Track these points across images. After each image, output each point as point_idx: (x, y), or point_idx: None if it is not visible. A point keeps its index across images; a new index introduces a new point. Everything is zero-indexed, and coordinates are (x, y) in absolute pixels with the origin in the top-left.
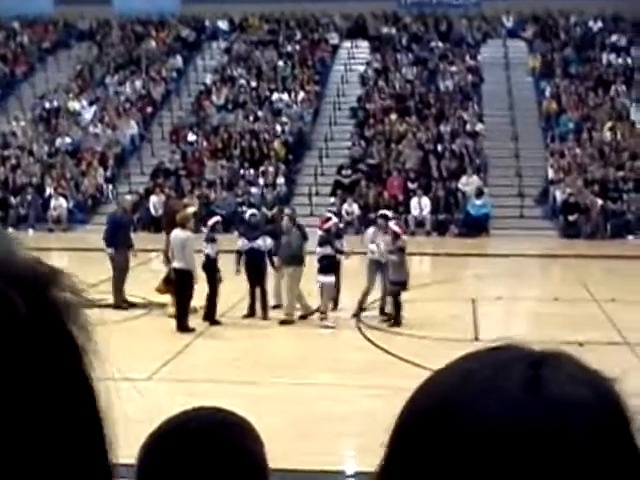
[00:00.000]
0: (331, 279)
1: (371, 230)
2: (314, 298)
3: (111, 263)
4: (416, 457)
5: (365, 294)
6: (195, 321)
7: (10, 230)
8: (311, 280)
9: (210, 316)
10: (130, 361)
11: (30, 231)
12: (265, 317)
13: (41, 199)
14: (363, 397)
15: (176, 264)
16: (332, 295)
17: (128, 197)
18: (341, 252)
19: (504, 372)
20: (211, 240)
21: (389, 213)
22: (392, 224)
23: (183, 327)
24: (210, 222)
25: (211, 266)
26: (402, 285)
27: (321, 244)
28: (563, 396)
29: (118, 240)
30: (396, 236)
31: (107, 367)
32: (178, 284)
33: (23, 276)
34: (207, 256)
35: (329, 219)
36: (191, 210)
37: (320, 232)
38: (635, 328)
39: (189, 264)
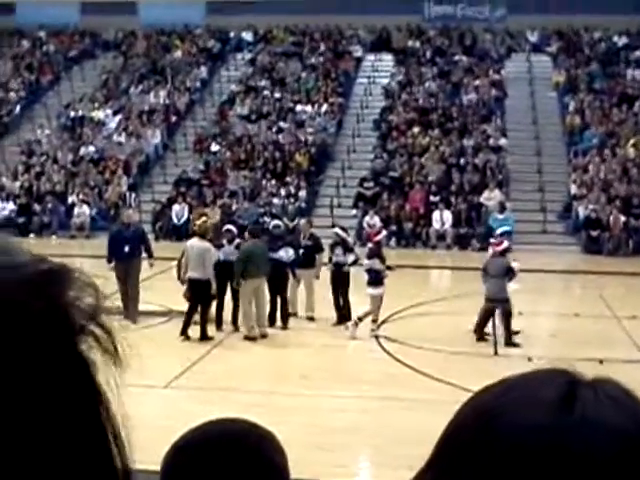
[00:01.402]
0: (379, 291)
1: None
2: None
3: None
4: (457, 464)
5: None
6: (212, 330)
7: (29, 236)
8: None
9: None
10: (148, 369)
11: (53, 238)
12: (285, 326)
13: (64, 207)
14: (379, 409)
15: (192, 274)
16: (377, 306)
17: (130, 211)
18: (389, 267)
19: (545, 387)
20: (219, 247)
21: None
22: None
23: (203, 336)
24: (224, 230)
25: (221, 270)
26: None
27: (370, 257)
28: (598, 418)
29: (113, 254)
30: (502, 254)
31: (126, 374)
32: (195, 294)
33: (34, 279)
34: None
35: (379, 232)
36: (211, 221)
37: (370, 244)
38: None
39: (208, 274)
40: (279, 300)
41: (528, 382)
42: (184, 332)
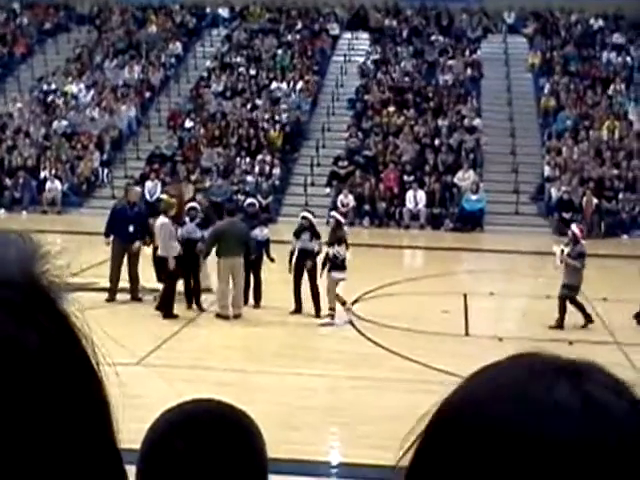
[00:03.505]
0: (344, 275)
1: None
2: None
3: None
4: (448, 465)
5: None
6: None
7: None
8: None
9: (197, 300)
10: (119, 346)
11: (24, 213)
12: (257, 305)
13: (36, 181)
14: (351, 388)
15: (158, 251)
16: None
17: (137, 188)
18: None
19: (541, 385)
20: (181, 224)
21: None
22: (574, 227)
23: (168, 314)
24: (186, 207)
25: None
26: (575, 290)
27: (337, 243)
28: (606, 405)
29: (113, 231)
30: (576, 240)
31: (97, 351)
32: (158, 271)
33: (36, 289)
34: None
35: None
36: (174, 201)
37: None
38: (625, 327)
39: (164, 250)
40: (252, 279)
41: (521, 383)
42: (159, 308)
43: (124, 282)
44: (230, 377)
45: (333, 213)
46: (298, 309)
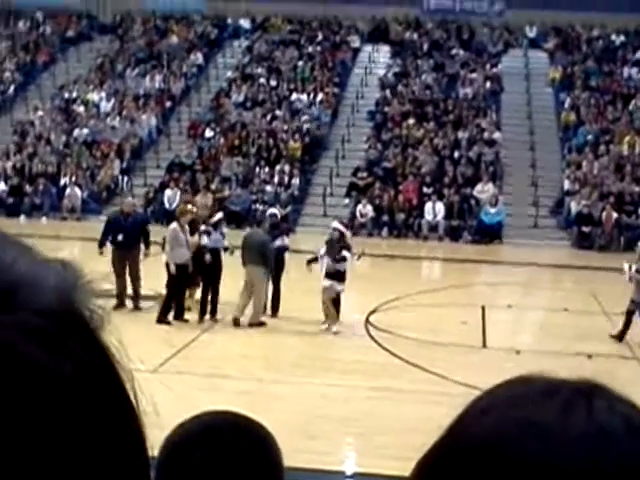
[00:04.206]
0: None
1: None
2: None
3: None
4: None
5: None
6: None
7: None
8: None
9: (212, 311)
10: (136, 353)
11: (43, 219)
12: (275, 315)
13: (56, 188)
14: (368, 399)
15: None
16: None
17: (130, 199)
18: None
19: (539, 407)
20: (206, 233)
21: None
22: None
23: (160, 319)
24: (213, 219)
25: (202, 257)
26: None
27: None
28: (595, 428)
29: (110, 241)
30: None
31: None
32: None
33: (73, 319)
34: (200, 247)
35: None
36: (188, 207)
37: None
38: None
39: (168, 257)
40: (272, 288)
41: (519, 407)
42: (177, 316)
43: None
44: (247, 386)
45: (335, 224)
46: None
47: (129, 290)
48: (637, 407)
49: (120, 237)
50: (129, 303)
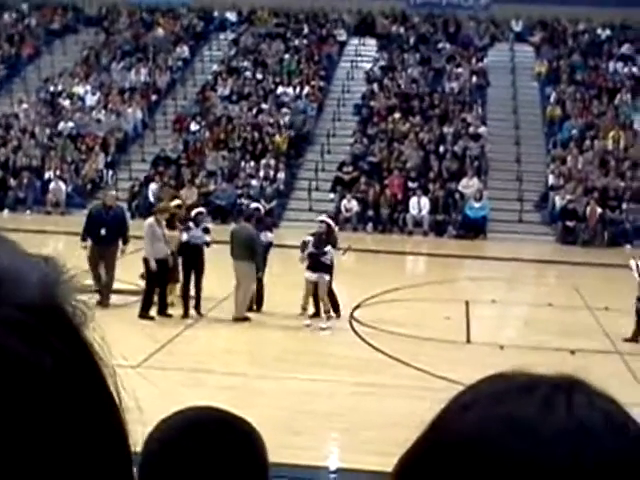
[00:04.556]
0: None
1: None
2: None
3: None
4: None
5: None
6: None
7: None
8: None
9: (196, 305)
10: (120, 348)
11: (27, 213)
12: (259, 310)
13: (40, 182)
14: (352, 394)
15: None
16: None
17: (113, 192)
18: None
19: (520, 403)
20: (186, 229)
21: None
22: None
23: (142, 315)
24: (192, 213)
25: (186, 252)
26: None
27: (330, 245)
28: (575, 424)
29: (89, 235)
30: None
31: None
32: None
33: (55, 312)
34: (181, 243)
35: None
36: (175, 203)
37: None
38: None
39: (146, 252)
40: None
41: (500, 404)
42: (161, 312)
43: (120, 283)
44: (231, 381)
45: (323, 217)
46: (317, 313)
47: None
48: (617, 402)
49: (103, 232)
50: (114, 298)
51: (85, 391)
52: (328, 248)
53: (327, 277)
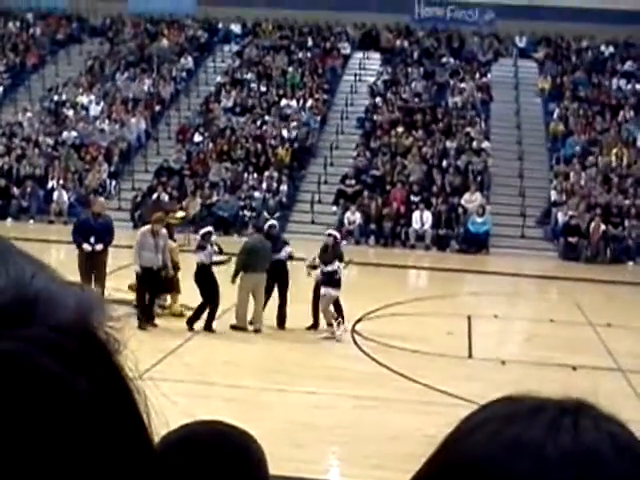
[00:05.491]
0: (338, 292)
1: None
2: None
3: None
4: None
5: None
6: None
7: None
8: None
9: (208, 325)
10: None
11: (31, 222)
12: (282, 327)
13: (43, 191)
14: (354, 407)
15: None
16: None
17: (101, 199)
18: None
19: (527, 426)
20: (201, 248)
21: None
22: None
23: (141, 326)
24: (201, 232)
25: (202, 274)
26: None
27: (337, 259)
28: (582, 447)
29: (76, 240)
30: None
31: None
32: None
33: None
34: (197, 264)
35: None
36: (180, 215)
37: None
38: (629, 354)
39: (134, 259)
40: (278, 300)
41: (508, 425)
42: (148, 320)
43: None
44: (233, 393)
45: (330, 231)
46: (315, 325)
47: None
48: (623, 425)
49: (93, 239)
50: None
51: (117, 415)
52: (337, 264)
53: (334, 292)
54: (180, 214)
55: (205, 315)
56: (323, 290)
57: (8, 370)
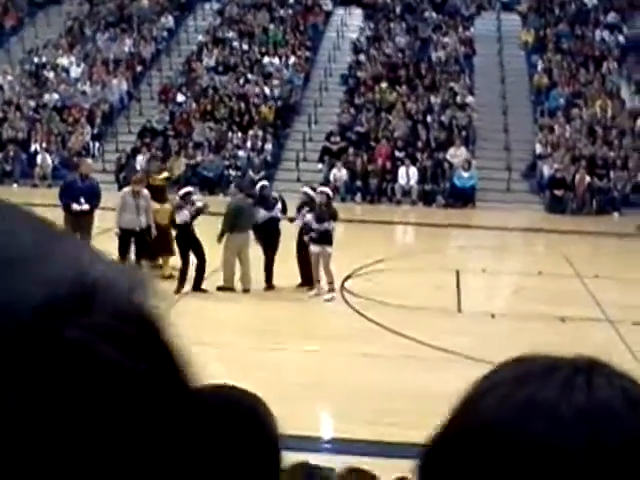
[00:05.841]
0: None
1: None
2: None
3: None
4: (456, 472)
5: None
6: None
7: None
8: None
9: (196, 285)
10: None
11: (14, 186)
12: (269, 287)
13: (26, 155)
14: (343, 364)
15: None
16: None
17: (89, 161)
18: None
19: (540, 386)
20: (179, 208)
21: None
22: None
23: None
24: (180, 192)
25: (183, 234)
26: None
27: (330, 218)
28: (595, 404)
29: (65, 202)
30: None
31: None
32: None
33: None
34: (178, 225)
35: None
36: (163, 175)
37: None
38: (617, 305)
39: (115, 221)
40: (265, 258)
41: (520, 387)
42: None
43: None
44: (223, 353)
45: (322, 188)
46: (305, 282)
47: None
48: (635, 381)
49: (82, 200)
50: None
51: (174, 395)
52: (331, 222)
53: (329, 249)
54: (164, 174)
55: (191, 275)
56: (319, 248)
57: (70, 360)
